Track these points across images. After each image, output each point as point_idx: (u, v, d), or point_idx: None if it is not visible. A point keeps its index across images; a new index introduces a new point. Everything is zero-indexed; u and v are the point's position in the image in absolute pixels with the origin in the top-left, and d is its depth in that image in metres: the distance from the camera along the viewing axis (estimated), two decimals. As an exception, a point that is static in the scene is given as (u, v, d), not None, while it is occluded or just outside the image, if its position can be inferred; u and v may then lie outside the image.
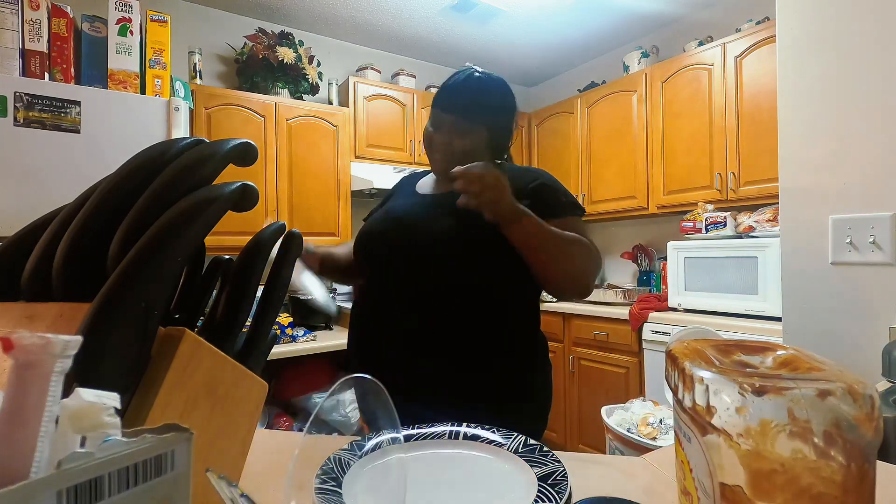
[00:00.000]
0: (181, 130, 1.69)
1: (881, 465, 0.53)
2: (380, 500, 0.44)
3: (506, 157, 1.05)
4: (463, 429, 0.57)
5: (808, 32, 1.18)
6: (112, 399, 0.22)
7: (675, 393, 0.34)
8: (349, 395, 2.19)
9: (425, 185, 1.05)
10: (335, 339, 2.30)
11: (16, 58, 1.50)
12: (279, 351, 2.09)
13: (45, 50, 1.54)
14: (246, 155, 0.42)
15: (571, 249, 0.84)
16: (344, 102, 2.82)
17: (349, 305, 2.66)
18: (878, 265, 1.07)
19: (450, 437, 0.56)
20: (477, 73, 0.95)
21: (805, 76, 1.18)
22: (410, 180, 1.10)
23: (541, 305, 0.99)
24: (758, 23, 2.31)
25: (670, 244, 2.35)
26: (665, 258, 2.43)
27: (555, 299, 2.46)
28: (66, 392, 0.22)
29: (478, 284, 0.87)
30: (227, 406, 0.39)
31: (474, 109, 0.93)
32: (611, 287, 2.83)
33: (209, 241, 0.43)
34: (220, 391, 0.38)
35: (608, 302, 2.63)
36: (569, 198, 0.93)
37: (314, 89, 2.74)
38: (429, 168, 1.06)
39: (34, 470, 0.20)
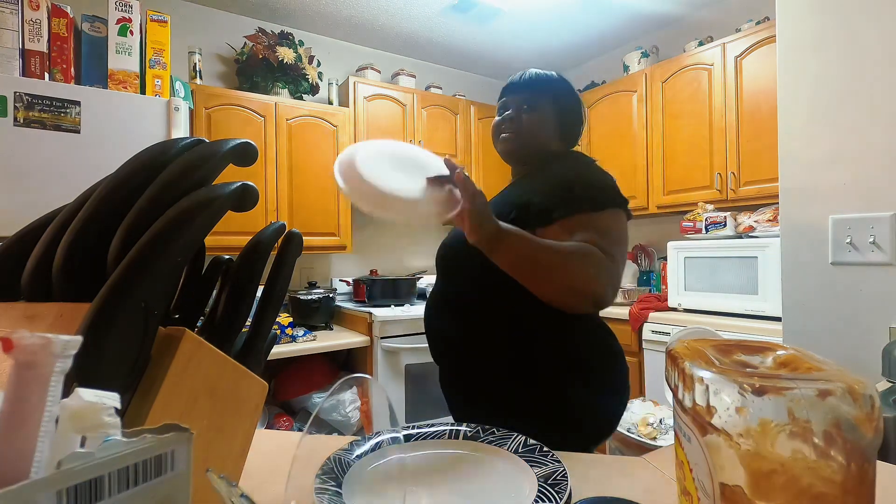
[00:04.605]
0: (181, 130, 1.69)
1: (881, 465, 0.53)
2: (380, 500, 0.44)
3: (576, 149, 1.03)
4: (463, 429, 0.57)
5: (808, 32, 1.18)
6: (112, 399, 0.22)
7: (675, 393, 0.34)
8: (349, 395, 2.19)
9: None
10: (335, 339, 2.30)
11: (16, 58, 1.50)
12: (279, 351, 2.09)
13: (45, 50, 1.54)
14: (246, 155, 0.42)
15: (561, 263, 0.74)
16: (344, 102, 2.82)
17: (349, 305, 2.66)
18: (878, 265, 1.07)
19: (450, 437, 0.56)
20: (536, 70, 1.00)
21: (805, 76, 1.18)
22: None
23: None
24: (758, 23, 2.31)
25: (670, 244, 2.35)
26: (665, 258, 2.43)
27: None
28: (66, 392, 0.22)
29: (491, 299, 0.86)
30: (227, 406, 0.39)
31: (539, 84, 0.97)
32: (611, 287, 2.83)
33: (209, 241, 0.43)
34: (220, 391, 0.38)
35: (608, 302, 2.62)
36: (585, 191, 0.83)
37: (314, 89, 2.74)
38: None
39: (34, 470, 0.20)
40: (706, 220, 2.25)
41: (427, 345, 0.98)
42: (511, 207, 0.86)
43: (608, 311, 2.45)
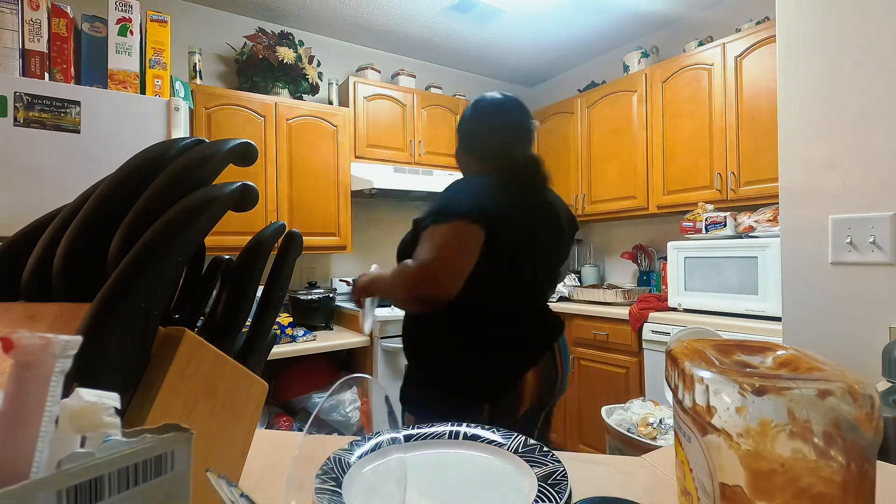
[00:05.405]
0: (181, 130, 1.69)
1: (881, 465, 0.53)
2: (380, 500, 0.44)
3: (505, 167, 1.14)
4: (463, 429, 0.57)
5: (808, 32, 1.18)
6: (112, 399, 0.22)
7: (675, 393, 0.34)
8: (349, 395, 2.19)
9: None
10: (335, 339, 2.30)
11: (16, 58, 1.50)
12: (279, 351, 2.09)
13: (45, 50, 1.54)
14: (246, 155, 0.42)
15: (386, 286, 1.11)
16: (344, 102, 2.82)
17: (349, 305, 2.66)
18: (878, 265, 1.07)
19: (450, 437, 0.56)
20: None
21: (805, 76, 1.18)
22: None
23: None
24: (758, 23, 2.31)
25: (670, 244, 2.35)
26: (665, 258, 2.43)
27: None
28: (66, 392, 0.22)
29: None
30: (227, 406, 0.39)
31: (460, 123, 1.22)
32: (611, 287, 2.83)
33: (209, 241, 0.43)
34: (220, 391, 0.38)
35: (608, 302, 2.63)
36: (436, 205, 1.03)
37: (314, 89, 2.74)
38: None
39: (34, 470, 0.20)
40: (706, 220, 2.25)
41: None
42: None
43: (609, 311, 2.46)
